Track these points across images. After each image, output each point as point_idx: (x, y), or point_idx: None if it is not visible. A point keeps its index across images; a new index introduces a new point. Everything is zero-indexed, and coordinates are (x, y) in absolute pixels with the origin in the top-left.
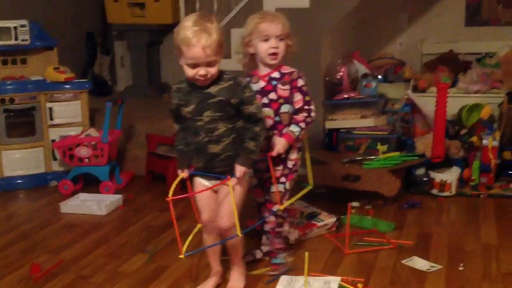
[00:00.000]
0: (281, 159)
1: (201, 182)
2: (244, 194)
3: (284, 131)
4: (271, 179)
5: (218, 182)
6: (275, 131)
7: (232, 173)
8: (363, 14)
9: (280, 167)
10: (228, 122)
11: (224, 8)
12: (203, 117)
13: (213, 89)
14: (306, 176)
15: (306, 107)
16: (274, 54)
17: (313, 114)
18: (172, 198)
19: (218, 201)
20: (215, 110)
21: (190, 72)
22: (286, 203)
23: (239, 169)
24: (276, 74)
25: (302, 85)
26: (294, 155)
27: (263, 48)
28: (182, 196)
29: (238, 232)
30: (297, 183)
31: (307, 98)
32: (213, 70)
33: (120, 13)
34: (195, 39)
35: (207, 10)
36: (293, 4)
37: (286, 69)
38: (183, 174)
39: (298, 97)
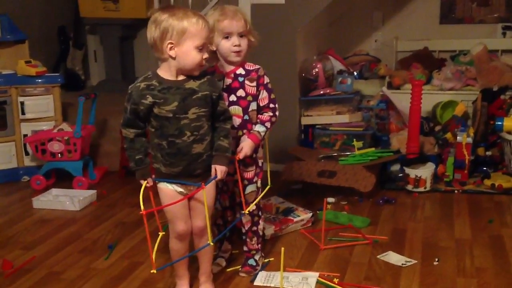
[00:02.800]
0: (252, 160)
1: (174, 189)
2: (214, 198)
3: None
4: (241, 181)
5: (192, 186)
6: (245, 131)
7: (208, 176)
8: (339, 11)
9: (253, 167)
10: (208, 119)
11: (200, 2)
12: (189, 114)
13: (193, 84)
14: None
15: (271, 105)
16: (238, 51)
17: (277, 113)
18: (146, 211)
19: (190, 205)
20: (200, 106)
21: (197, 56)
22: (250, 206)
23: (220, 169)
24: (241, 71)
25: (268, 82)
26: (260, 153)
27: (226, 46)
28: (156, 208)
29: (210, 241)
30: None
31: (273, 96)
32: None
33: (93, 7)
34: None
35: (182, 4)
36: (268, 0)
37: (250, 66)
38: (146, 183)
39: (264, 94)
